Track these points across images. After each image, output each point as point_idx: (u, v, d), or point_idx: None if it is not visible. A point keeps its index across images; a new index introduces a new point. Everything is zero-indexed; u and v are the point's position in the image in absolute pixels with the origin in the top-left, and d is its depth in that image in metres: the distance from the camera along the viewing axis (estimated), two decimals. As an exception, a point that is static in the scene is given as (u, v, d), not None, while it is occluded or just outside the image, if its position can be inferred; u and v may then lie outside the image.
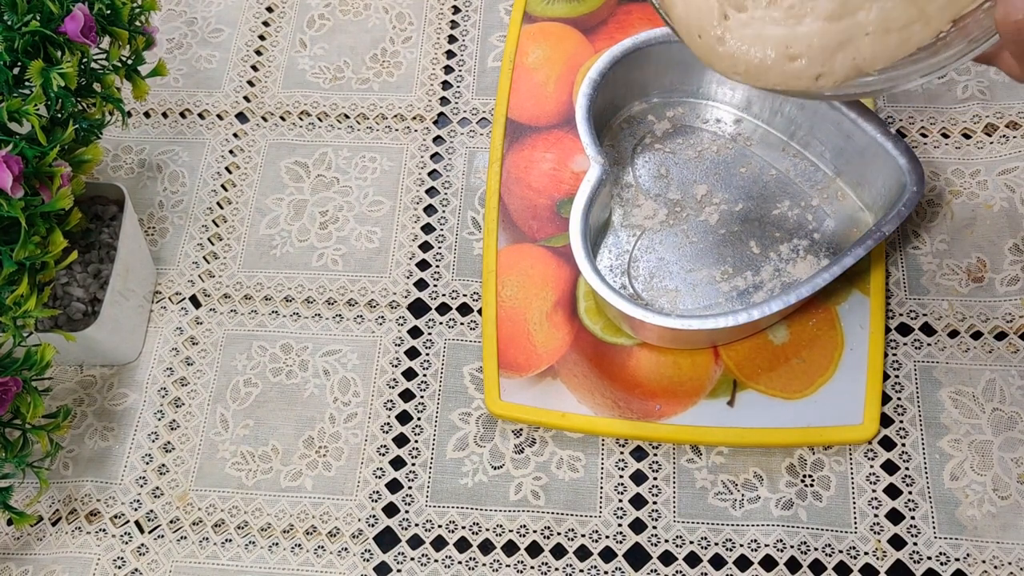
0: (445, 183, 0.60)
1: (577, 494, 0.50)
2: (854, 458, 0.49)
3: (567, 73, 0.59)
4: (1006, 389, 0.50)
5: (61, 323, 0.52)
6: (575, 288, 0.53)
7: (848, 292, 0.52)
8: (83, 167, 0.47)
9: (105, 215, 0.55)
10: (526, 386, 0.51)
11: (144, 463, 0.52)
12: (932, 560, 0.47)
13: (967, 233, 0.54)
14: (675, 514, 0.49)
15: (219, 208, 0.60)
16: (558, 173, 0.56)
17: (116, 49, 0.50)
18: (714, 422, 0.49)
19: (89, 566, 0.50)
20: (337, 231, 0.58)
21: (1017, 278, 0.53)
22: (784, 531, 0.48)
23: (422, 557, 0.49)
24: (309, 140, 0.62)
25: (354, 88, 0.63)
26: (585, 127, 0.51)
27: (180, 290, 0.57)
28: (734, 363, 0.51)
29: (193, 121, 0.63)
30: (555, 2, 0.61)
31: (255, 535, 0.50)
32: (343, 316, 0.56)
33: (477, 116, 0.62)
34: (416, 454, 0.52)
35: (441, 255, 0.57)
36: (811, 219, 0.54)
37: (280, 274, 0.57)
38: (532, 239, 0.55)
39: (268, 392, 0.54)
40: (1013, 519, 0.47)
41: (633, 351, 0.51)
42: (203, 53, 0.66)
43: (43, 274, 0.45)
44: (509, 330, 0.52)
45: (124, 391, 0.54)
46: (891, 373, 0.51)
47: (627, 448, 0.51)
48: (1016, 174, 0.55)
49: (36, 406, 0.44)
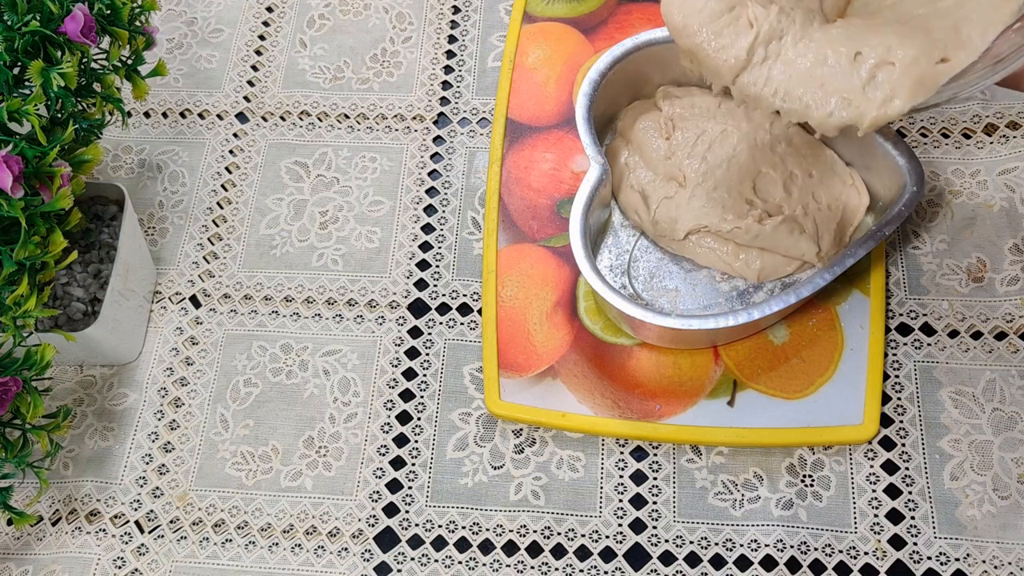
0: (445, 183, 0.60)
1: (577, 494, 0.50)
2: (854, 458, 0.49)
3: (567, 73, 0.59)
4: (1006, 389, 0.50)
5: (61, 323, 0.52)
6: (575, 288, 0.53)
7: (848, 292, 0.52)
8: (83, 167, 0.47)
9: (105, 215, 0.55)
10: (526, 386, 0.51)
11: (144, 463, 0.52)
12: (932, 560, 0.47)
13: (967, 233, 0.54)
14: (675, 514, 0.49)
15: (219, 208, 0.60)
16: (558, 173, 0.56)
17: (116, 49, 0.50)
18: (714, 422, 0.49)
19: (89, 566, 0.50)
20: (337, 231, 0.58)
21: (1017, 278, 0.53)
22: (784, 531, 0.48)
23: (422, 557, 0.49)
24: (309, 140, 0.62)
25: (354, 88, 0.63)
26: (585, 127, 0.51)
27: (180, 290, 0.57)
28: (734, 363, 0.51)
29: (193, 121, 0.63)
30: (555, 2, 0.61)
31: (255, 535, 0.50)
32: (343, 316, 0.56)
33: (477, 116, 0.62)
34: (416, 454, 0.52)
35: (441, 255, 0.57)
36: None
37: (280, 274, 0.57)
38: (532, 239, 0.55)
39: (268, 392, 0.54)
40: (1013, 519, 0.47)
41: (633, 351, 0.51)
42: (203, 53, 0.66)
43: (43, 274, 0.45)
44: (509, 330, 0.52)
45: (124, 391, 0.54)
46: (891, 373, 0.51)
47: (627, 448, 0.51)
48: (1016, 174, 0.55)
49: (36, 406, 0.44)
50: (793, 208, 0.51)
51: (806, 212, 0.51)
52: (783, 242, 0.50)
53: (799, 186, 0.52)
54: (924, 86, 0.35)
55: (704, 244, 0.52)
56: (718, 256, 0.52)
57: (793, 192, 0.52)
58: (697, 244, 0.52)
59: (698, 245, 0.52)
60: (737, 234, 0.50)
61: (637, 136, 0.54)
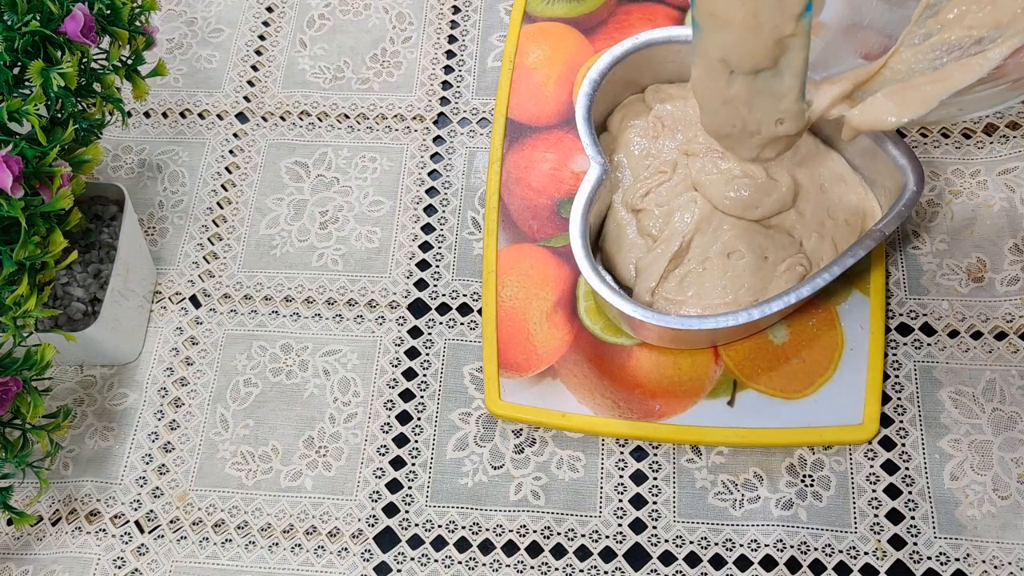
0: (445, 183, 0.60)
1: (577, 494, 0.50)
2: (854, 458, 0.49)
3: (567, 73, 0.59)
4: (1006, 389, 0.50)
5: (61, 323, 0.52)
6: (575, 288, 0.53)
7: (848, 292, 0.52)
8: (83, 167, 0.47)
9: (105, 215, 0.55)
10: (526, 386, 0.51)
11: (144, 463, 0.52)
12: (932, 560, 0.47)
13: (967, 233, 0.54)
14: (675, 514, 0.49)
15: (219, 208, 0.60)
16: (558, 173, 0.56)
17: (116, 49, 0.50)
18: (714, 422, 0.49)
19: (89, 566, 0.50)
20: (337, 231, 0.58)
21: (1017, 278, 0.53)
22: (784, 531, 0.48)
23: (422, 557, 0.49)
24: (309, 140, 0.62)
25: (354, 88, 0.63)
26: (585, 127, 0.51)
27: (180, 290, 0.57)
28: (734, 363, 0.51)
29: (193, 121, 0.63)
30: (555, 2, 0.61)
31: (255, 535, 0.50)
32: (343, 316, 0.56)
33: (477, 116, 0.62)
34: (416, 454, 0.52)
35: (441, 255, 0.57)
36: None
37: (280, 274, 0.57)
38: (532, 239, 0.55)
39: (268, 392, 0.54)
40: (1013, 519, 0.47)
41: (633, 351, 0.51)
42: (203, 53, 0.66)
43: (43, 274, 0.45)
44: (509, 330, 0.52)
45: (124, 391, 0.54)
46: (891, 373, 0.51)
47: (627, 448, 0.51)
48: (1016, 174, 0.55)
49: (36, 406, 0.44)
50: (808, 233, 0.51)
51: (822, 236, 0.51)
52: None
53: (812, 203, 0.51)
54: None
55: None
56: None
57: (806, 212, 0.51)
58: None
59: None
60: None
61: (624, 136, 0.54)
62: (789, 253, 0.50)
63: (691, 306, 0.50)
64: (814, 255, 0.51)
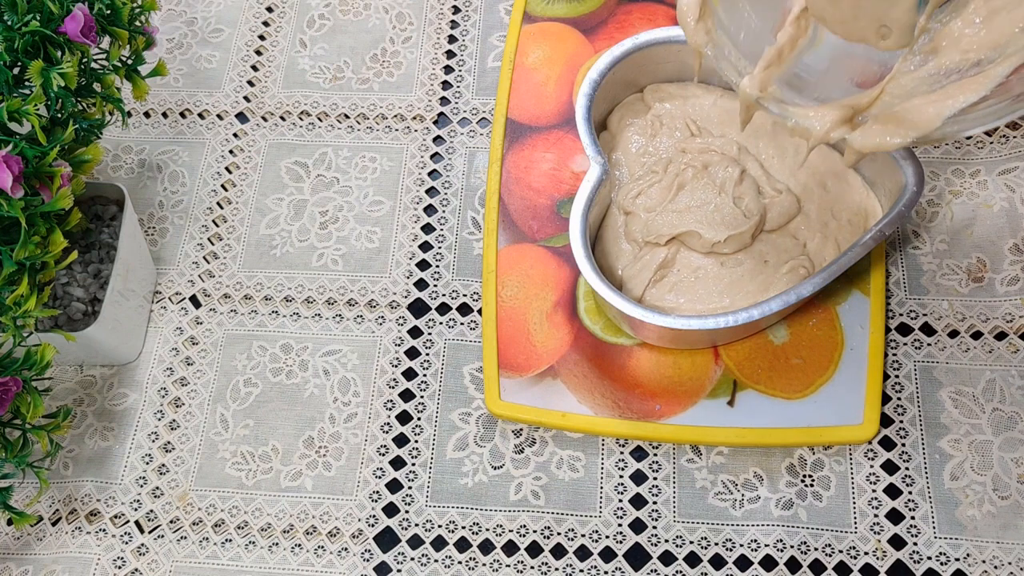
0: (445, 183, 0.60)
1: (577, 494, 0.50)
2: (854, 458, 0.49)
3: (567, 73, 0.59)
4: (1006, 389, 0.50)
5: (61, 323, 0.52)
6: (575, 288, 0.53)
7: (848, 292, 0.52)
8: (83, 167, 0.47)
9: (105, 215, 0.55)
10: (526, 386, 0.51)
11: (144, 463, 0.52)
12: (932, 560, 0.47)
13: (967, 233, 0.54)
14: (675, 514, 0.49)
15: (219, 208, 0.60)
16: (558, 173, 0.56)
17: (116, 49, 0.50)
18: (714, 422, 0.49)
19: (89, 566, 0.50)
20: (337, 231, 0.58)
21: (1017, 278, 0.53)
22: (784, 531, 0.48)
23: (422, 557, 0.49)
24: (309, 140, 0.62)
25: (354, 88, 0.63)
26: (585, 127, 0.51)
27: (180, 290, 0.57)
28: (734, 363, 0.51)
29: (193, 121, 0.63)
30: (555, 2, 0.61)
31: (255, 535, 0.50)
32: (343, 316, 0.56)
33: (477, 116, 0.62)
34: (416, 454, 0.52)
35: (441, 255, 0.57)
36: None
37: (280, 274, 0.57)
38: (532, 239, 0.55)
39: (268, 392, 0.54)
40: (1013, 519, 0.47)
41: (633, 351, 0.51)
42: (203, 53, 0.66)
43: (43, 274, 0.45)
44: (509, 330, 0.52)
45: (124, 391, 0.54)
46: (891, 373, 0.51)
47: (627, 448, 0.51)
48: (1016, 174, 0.55)
49: (36, 406, 0.44)
50: (812, 235, 0.51)
51: (826, 236, 0.51)
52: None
53: (816, 203, 0.51)
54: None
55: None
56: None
57: (811, 213, 0.51)
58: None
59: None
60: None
61: (623, 135, 0.54)
62: (791, 255, 0.50)
63: (685, 312, 0.50)
64: (817, 256, 0.51)
